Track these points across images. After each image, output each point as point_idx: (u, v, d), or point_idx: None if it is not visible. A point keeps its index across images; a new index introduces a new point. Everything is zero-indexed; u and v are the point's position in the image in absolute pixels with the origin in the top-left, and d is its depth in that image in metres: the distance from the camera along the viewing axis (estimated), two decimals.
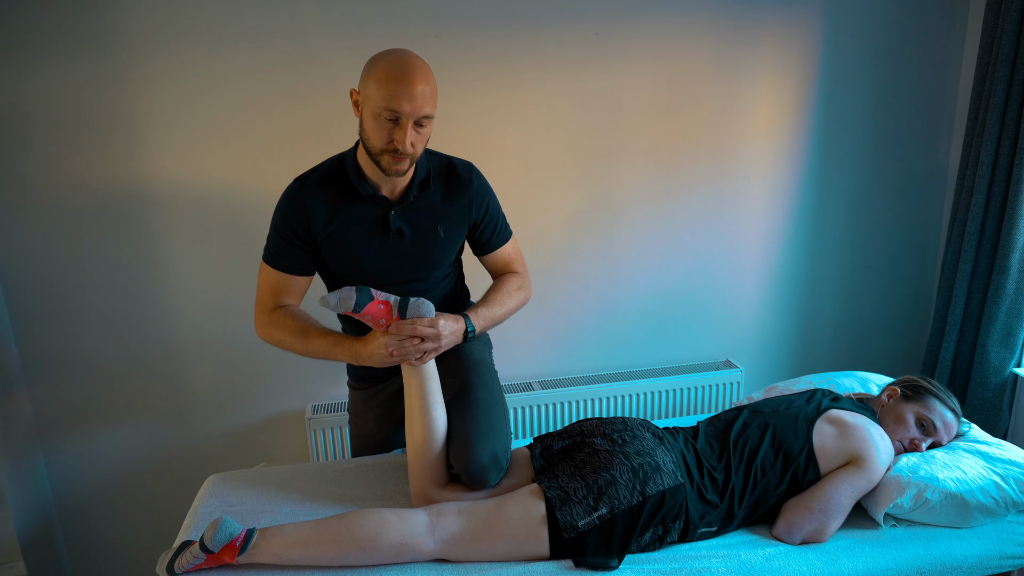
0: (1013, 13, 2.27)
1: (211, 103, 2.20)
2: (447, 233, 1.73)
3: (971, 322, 2.57)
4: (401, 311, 1.59)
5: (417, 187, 1.68)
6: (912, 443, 1.77)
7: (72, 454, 2.40)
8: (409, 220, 1.69)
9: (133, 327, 2.33)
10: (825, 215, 2.79)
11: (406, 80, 1.49)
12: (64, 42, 2.07)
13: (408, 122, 1.51)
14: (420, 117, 1.52)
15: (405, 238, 1.70)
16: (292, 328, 1.69)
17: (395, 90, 1.49)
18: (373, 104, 1.52)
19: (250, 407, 2.49)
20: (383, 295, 1.59)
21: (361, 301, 1.54)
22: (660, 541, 1.57)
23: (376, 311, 1.57)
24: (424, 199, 1.70)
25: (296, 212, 1.66)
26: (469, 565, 1.52)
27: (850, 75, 2.65)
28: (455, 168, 1.75)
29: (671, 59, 2.47)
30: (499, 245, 1.84)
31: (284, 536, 1.51)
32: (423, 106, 1.52)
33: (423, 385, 1.67)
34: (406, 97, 1.49)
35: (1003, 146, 2.37)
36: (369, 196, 1.66)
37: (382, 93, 1.49)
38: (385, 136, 1.53)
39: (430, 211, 1.71)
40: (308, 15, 2.18)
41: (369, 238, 1.68)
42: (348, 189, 1.67)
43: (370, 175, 1.65)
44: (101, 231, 2.24)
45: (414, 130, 1.53)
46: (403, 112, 1.50)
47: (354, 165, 1.66)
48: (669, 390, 2.67)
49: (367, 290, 1.57)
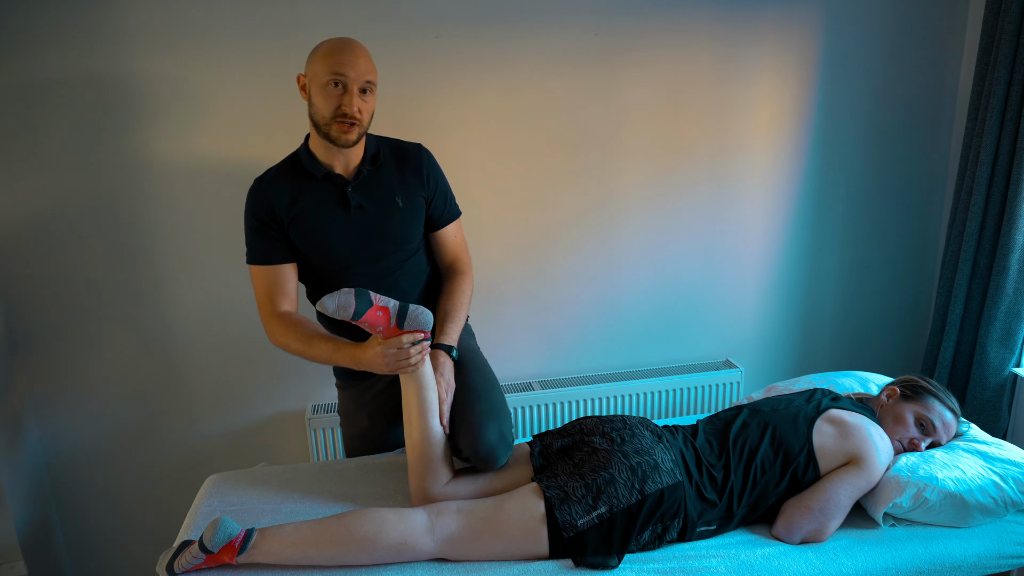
0: (1013, 13, 2.27)
1: (211, 102, 2.20)
2: (405, 202, 1.79)
3: (971, 322, 2.57)
4: (399, 321, 1.60)
5: (369, 161, 1.77)
6: (911, 443, 1.77)
7: (72, 454, 2.40)
8: (366, 194, 1.76)
9: (133, 327, 2.33)
10: (825, 215, 2.79)
11: (348, 50, 1.64)
12: (65, 34, 2.07)
13: (354, 86, 1.64)
14: (364, 82, 1.65)
15: (366, 212, 1.76)
16: (297, 335, 1.73)
17: (339, 58, 1.63)
18: (319, 77, 1.64)
19: (250, 407, 2.49)
20: (382, 300, 1.59)
21: (360, 308, 1.55)
22: (659, 540, 1.58)
23: (375, 318, 1.58)
24: (378, 174, 1.78)
25: (259, 203, 1.75)
26: (469, 564, 1.52)
27: (850, 75, 2.65)
28: (404, 146, 1.85)
29: (671, 59, 2.47)
30: (448, 221, 1.90)
31: (283, 536, 1.51)
32: (366, 72, 1.65)
33: (421, 392, 1.68)
34: (350, 63, 1.63)
35: (1003, 146, 2.37)
36: (324, 176, 1.74)
37: (327, 63, 1.63)
38: (333, 103, 1.64)
39: (385, 183, 1.78)
40: (307, 15, 2.18)
41: (331, 217, 1.75)
42: (304, 174, 1.75)
43: (322, 157, 1.74)
44: (101, 231, 2.24)
45: (360, 97, 1.65)
46: (348, 76, 1.63)
47: (306, 152, 1.76)
48: (669, 390, 2.67)
49: (367, 294, 1.57)
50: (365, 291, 1.58)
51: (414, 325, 1.60)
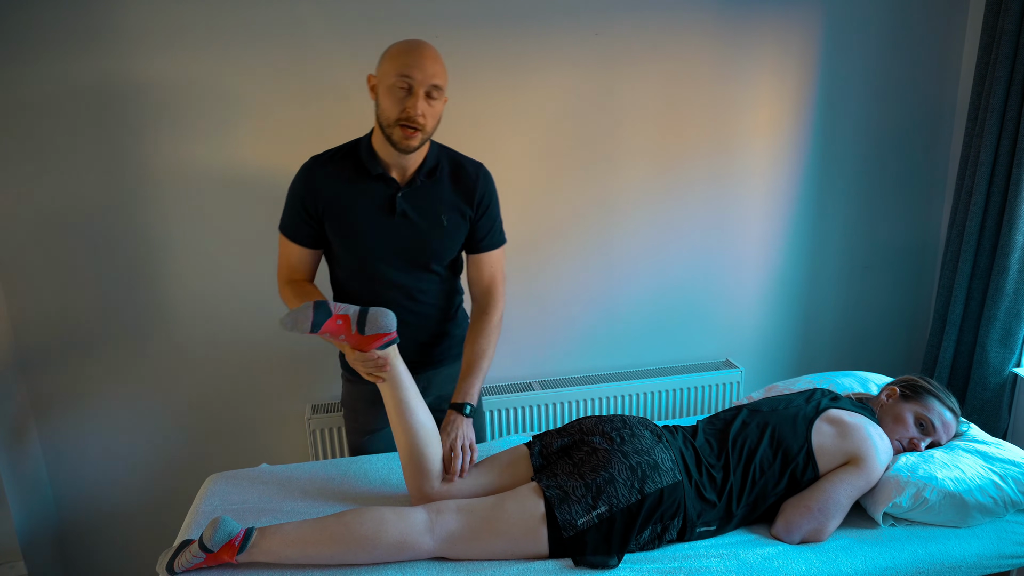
0: (1012, 13, 2.27)
1: (211, 102, 2.20)
2: (450, 222, 1.77)
3: (971, 322, 2.57)
4: (359, 325, 1.59)
5: (425, 174, 1.74)
6: (911, 443, 1.77)
7: (72, 454, 2.40)
8: (414, 204, 1.74)
9: (134, 327, 2.34)
10: (825, 215, 2.79)
11: (417, 52, 1.60)
12: (66, 36, 2.07)
13: (420, 90, 1.60)
14: (431, 86, 1.61)
15: (409, 221, 1.74)
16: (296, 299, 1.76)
17: (407, 60, 1.59)
18: (387, 78, 1.61)
19: (250, 407, 2.49)
20: (342, 309, 1.59)
21: (318, 320, 1.55)
22: (659, 539, 1.58)
23: (335, 328, 1.58)
24: (430, 186, 1.75)
25: (305, 186, 1.74)
26: (468, 563, 1.52)
27: (850, 75, 2.65)
28: (464, 164, 1.81)
29: (671, 59, 2.47)
30: (490, 248, 1.86)
31: (283, 535, 1.51)
32: (434, 75, 1.60)
33: (395, 394, 1.67)
34: (418, 65, 1.59)
35: (1003, 146, 2.37)
36: (379, 176, 1.72)
37: (395, 64, 1.60)
38: (398, 105, 1.61)
39: (435, 198, 1.76)
40: (307, 14, 2.19)
41: (374, 217, 1.74)
42: (359, 168, 1.73)
43: (382, 156, 1.72)
44: (102, 229, 2.25)
45: (425, 101, 1.61)
46: (415, 79, 1.59)
47: (368, 146, 1.74)
48: (669, 390, 2.67)
49: (325, 305, 1.57)
50: (324, 302, 1.58)
51: (375, 329, 1.59)
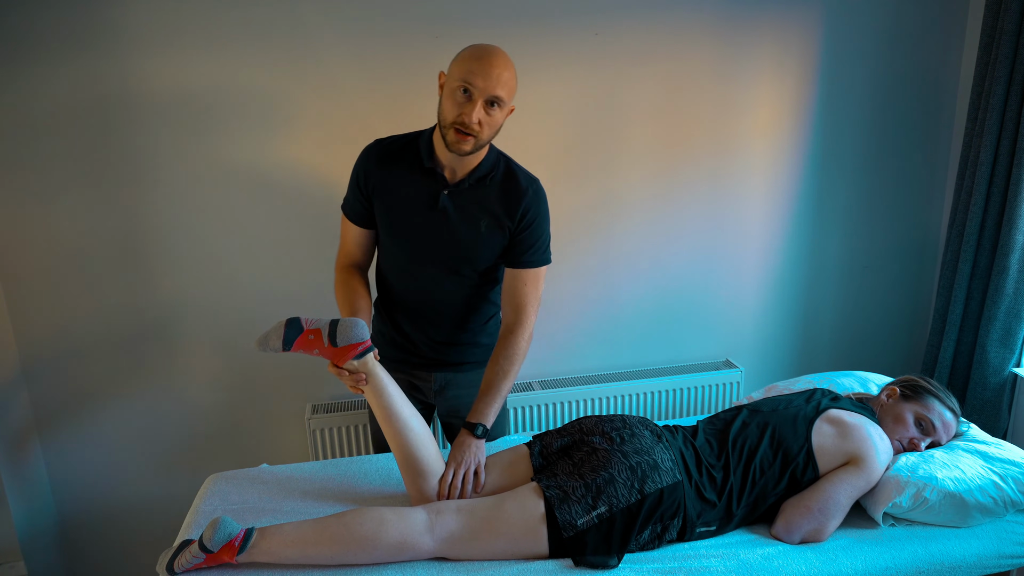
0: (1012, 13, 2.27)
1: (212, 101, 2.20)
2: (487, 229, 1.76)
3: (971, 322, 2.57)
4: (331, 338, 1.59)
5: (475, 179, 1.74)
6: (911, 443, 1.77)
7: (72, 454, 2.40)
8: (457, 204, 1.74)
9: (134, 327, 2.34)
10: (825, 215, 2.79)
11: (486, 59, 1.58)
12: (66, 38, 2.07)
13: (480, 98, 1.58)
14: (491, 96, 1.58)
15: (448, 219, 1.74)
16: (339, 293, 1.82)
17: (473, 66, 1.57)
18: (452, 80, 1.60)
19: (250, 407, 2.49)
20: (313, 323, 1.60)
21: (290, 336, 1.57)
22: (659, 539, 1.58)
23: (307, 343, 1.59)
24: (478, 190, 1.75)
25: (363, 166, 1.78)
26: (468, 563, 1.52)
27: (850, 75, 2.65)
28: (518, 175, 1.78)
29: (671, 59, 2.47)
30: (529, 265, 1.80)
31: (283, 535, 1.51)
32: (496, 86, 1.58)
33: (380, 401, 1.67)
34: (481, 73, 1.56)
35: (1003, 146, 2.37)
36: (429, 170, 1.73)
37: (462, 68, 1.58)
38: (456, 109, 1.60)
39: (479, 203, 1.75)
40: (307, 14, 2.19)
41: (415, 208, 1.75)
42: (414, 159, 1.75)
43: (438, 151, 1.72)
44: (102, 230, 2.25)
45: (483, 109, 1.59)
46: (476, 87, 1.57)
47: (428, 140, 1.74)
48: (669, 390, 2.67)
49: (297, 321, 1.59)
50: (296, 319, 1.59)
51: (347, 340, 1.59)
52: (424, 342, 1.89)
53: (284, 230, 2.35)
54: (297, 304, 2.35)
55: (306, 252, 2.37)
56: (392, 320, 1.91)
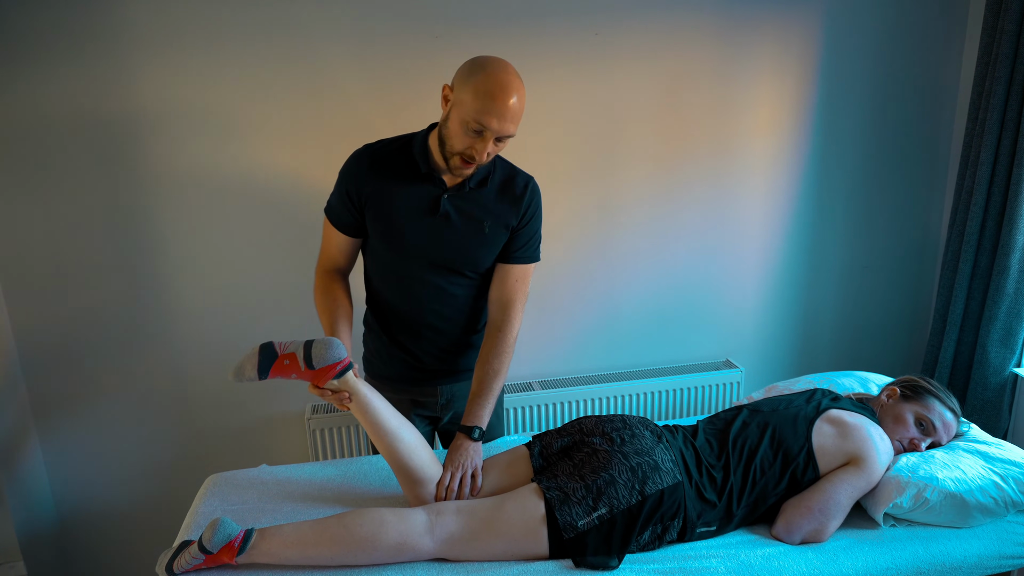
0: (1013, 13, 2.27)
1: (212, 102, 2.20)
2: (491, 230, 1.75)
3: (971, 322, 2.57)
4: (307, 361, 1.57)
5: (475, 182, 1.72)
6: (911, 443, 1.77)
7: (72, 454, 2.40)
8: (458, 208, 1.72)
9: (134, 327, 2.33)
10: (825, 215, 2.79)
11: (503, 99, 1.53)
12: (65, 40, 2.07)
13: (491, 137, 1.56)
14: (504, 135, 1.57)
15: (451, 223, 1.72)
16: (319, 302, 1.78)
17: (489, 107, 1.52)
18: (464, 112, 1.55)
19: (250, 407, 2.49)
20: (287, 348, 1.58)
21: (264, 364, 1.56)
22: (659, 540, 1.57)
23: (284, 369, 1.57)
24: (478, 194, 1.73)
25: (351, 175, 1.72)
26: (468, 564, 1.52)
27: (850, 75, 2.65)
28: (515, 175, 1.78)
29: (671, 59, 2.47)
30: (521, 261, 1.81)
31: (283, 536, 1.51)
32: (510, 125, 1.56)
33: (367, 417, 1.65)
34: (497, 115, 1.53)
35: (1003, 146, 2.36)
36: (427, 175, 1.70)
37: (476, 105, 1.53)
38: (466, 144, 1.58)
39: (480, 205, 1.73)
40: (307, 13, 2.18)
41: (416, 215, 1.71)
42: (410, 164, 1.70)
43: (436, 158, 1.69)
44: (101, 230, 2.24)
45: (493, 144, 1.58)
46: (491, 128, 1.54)
47: (423, 145, 1.70)
48: (669, 390, 2.67)
49: (270, 347, 1.58)
50: (269, 344, 1.58)
51: (323, 361, 1.57)
52: (430, 353, 1.86)
53: (284, 231, 2.35)
54: (298, 303, 2.35)
55: (308, 253, 2.35)
56: (391, 337, 1.86)
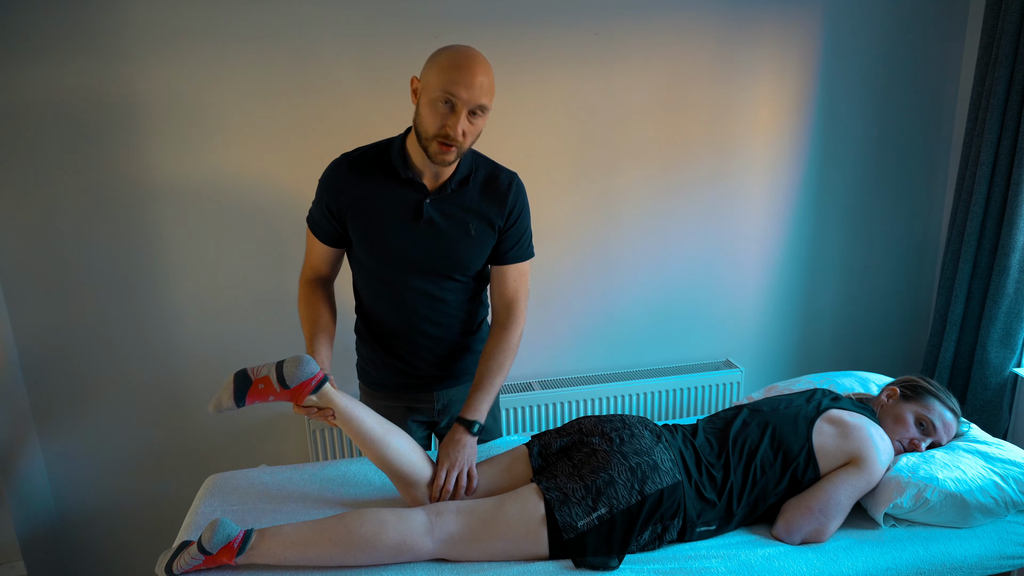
0: (1013, 13, 2.27)
1: (211, 102, 2.20)
2: (477, 231, 1.73)
3: (971, 322, 2.57)
4: (280, 382, 1.56)
5: (456, 183, 1.70)
6: (912, 443, 1.77)
7: (72, 454, 2.40)
8: (442, 211, 1.70)
9: (133, 327, 2.33)
10: (825, 215, 2.79)
11: (467, 68, 1.52)
12: (64, 41, 2.07)
13: (463, 109, 1.54)
14: (475, 106, 1.55)
15: (436, 227, 1.70)
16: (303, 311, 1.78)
17: (455, 76, 1.51)
18: (431, 89, 1.54)
19: (250, 408, 2.48)
20: (259, 370, 1.57)
21: (240, 391, 1.56)
22: (659, 540, 1.57)
23: (259, 393, 1.56)
24: (461, 195, 1.71)
25: (331, 185, 1.70)
26: (468, 565, 1.52)
27: (850, 75, 2.65)
28: (498, 173, 1.76)
29: (671, 59, 2.47)
30: (516, 260, 1.80)
31: (282, 537, 1.51)
32: (480, 95, 1.54)
33: (352, 427, 1.64)
34: (465, 84, 1.52)
35: (1003, 146, 2.36)
36: (408, 180, 1.68)
37: (442, 79, 1.52)
38: (439, 122, 1.55)
39: (464, 207, 1.71)
40: (307, 14, 2.18)
41: (400, 222, 1.70)
42: (389, 171, 1.69)
43: (415, 162, 1.67)
44: (101, 231, 2.24)
45: (467, 119, 1.56)
46: (460, 98, 1.52)
47: (401, 149, 1.69)
48: (669, 390, 2.67)
49: (243, 373, 1.57)
50: (243, 371, 1.57)
51: (297, 379, 1.56)
52: (425, 359, 1.84)
53: (285, 231, 2.34)
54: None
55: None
56: (384, 345, 1.84)
